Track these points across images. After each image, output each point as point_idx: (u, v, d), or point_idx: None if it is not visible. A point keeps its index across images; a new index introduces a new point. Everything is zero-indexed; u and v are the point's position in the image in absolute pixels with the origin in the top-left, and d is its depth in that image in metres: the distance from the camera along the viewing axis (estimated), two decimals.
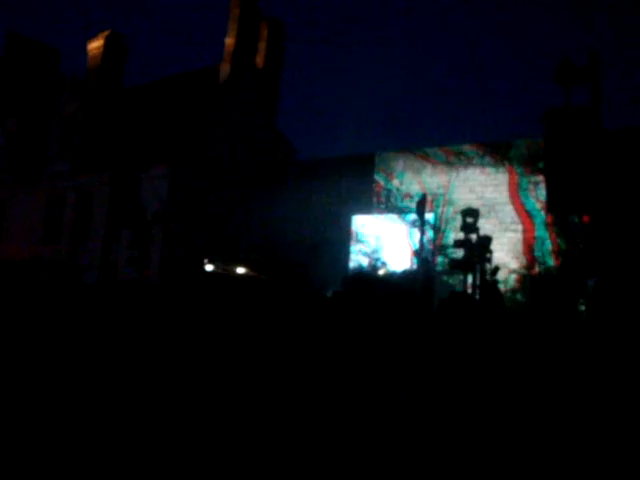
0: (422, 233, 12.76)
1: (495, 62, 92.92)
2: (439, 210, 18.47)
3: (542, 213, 16.84)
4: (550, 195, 8.85)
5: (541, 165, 15.59)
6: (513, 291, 16.54)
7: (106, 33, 24.75)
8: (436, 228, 18.10)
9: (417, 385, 5.60)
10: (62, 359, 6.08)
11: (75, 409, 4.23)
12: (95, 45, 24.79)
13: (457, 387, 5.71)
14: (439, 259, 17.40)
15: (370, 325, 9.26)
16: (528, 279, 15.82)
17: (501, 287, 15.40)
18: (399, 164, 20.20)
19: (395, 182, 20.04)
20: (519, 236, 17.37)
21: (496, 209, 17.70)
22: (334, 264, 19.21)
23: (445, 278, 16.85)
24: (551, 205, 8.95)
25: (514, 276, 16.76)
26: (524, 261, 16.96)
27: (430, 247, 16.96)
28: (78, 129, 23.53)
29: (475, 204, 15.96)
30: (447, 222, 18.12)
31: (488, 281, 13.33)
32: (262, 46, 23.50)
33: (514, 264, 16.91)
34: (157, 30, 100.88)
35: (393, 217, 19.52)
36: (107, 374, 5.48)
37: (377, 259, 17.76)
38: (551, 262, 16.63)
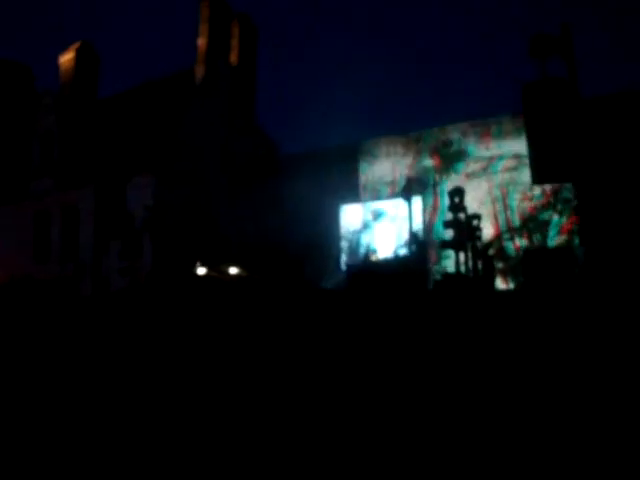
0: (410, 217, 12.76)
1: (470, 39, 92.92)
2: (426, 192, 18.45)
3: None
4: (534, 166, 8.90)
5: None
6: (507, 266, 16.61)
7: (77, 45, 24.51)
8: (425, 210, 18.10)
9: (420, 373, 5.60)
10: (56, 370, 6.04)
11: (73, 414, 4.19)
12: (66, 58, 24.56)
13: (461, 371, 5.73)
14: (430, 240, 17.39)
15: (373, 315, 9.26)
16: (521, 252, 15.84)
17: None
18: (383, 150, 20.15)
19: (381, 168, 20.01)
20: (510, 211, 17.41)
21: (483, 187, 17.71)
22: (328, 256, 19.20)
23: (438, 258, 16.91)
24: (535, 176, 9.00)
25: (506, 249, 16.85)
26: (517, 234, 17.02)
27: (421, 229, 16.96)
28: (58, 144, 23.37)
29: (462, 184, 15.98)
30: (436, 203, 18.12)
31: (482, 256, 13.32)
32: (235, 43, 23.35)
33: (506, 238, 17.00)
34: (129, 37, 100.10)
35: (381, 203, 19.52)
36: (105, 380, 5.44)
37: (368, 247, 17.75)
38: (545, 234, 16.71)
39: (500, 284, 16.17)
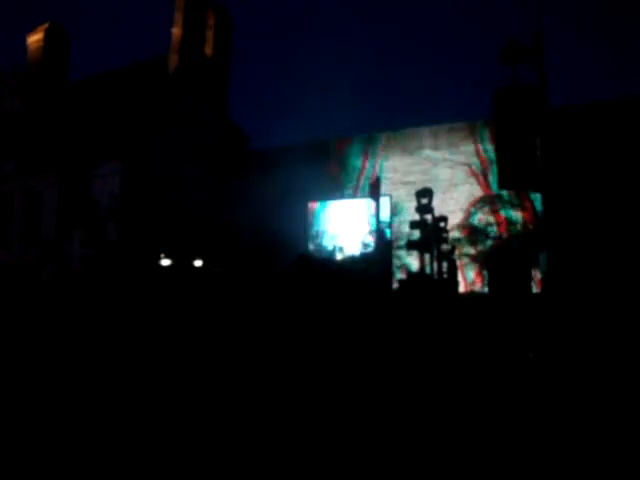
0: (377, 215, 12.80)
1: (442, 42, 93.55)
2: (394, 192, 18.52)
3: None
4: (501, 171, 8.99)
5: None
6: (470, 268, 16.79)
7: (46, 25, 23.88)
8: (392, 210, 18.17)
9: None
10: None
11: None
12: (35, 38, 23.90)
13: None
14: (396, 240, 17.47)
15: (322, 309, 9.22)
16: (484, 255, 16.03)
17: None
18: (353, 149, 20.20)
19: (349, 167, 20.05)
20: (475, 215, 17.60)
21: (451, 190, 17.87)
22: (293, 252, 19.12)
23: (402, 258, 17.00)
24: (502, 181, 9.09)
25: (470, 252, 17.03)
26: (479, 237, 17.21)
27: (387, 229, 17.03)
28: (22, 127, 22.77)
29: (430, 185, 16.06)
30: (402, 204, 18.17)
31: (447, 259, 13.41)
32: (210, 35, 23.09)
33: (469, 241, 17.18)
34: (102, 22, 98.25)
35: (349, 202, 19.55)
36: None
37: (334, 244, 17.76)
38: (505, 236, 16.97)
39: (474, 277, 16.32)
